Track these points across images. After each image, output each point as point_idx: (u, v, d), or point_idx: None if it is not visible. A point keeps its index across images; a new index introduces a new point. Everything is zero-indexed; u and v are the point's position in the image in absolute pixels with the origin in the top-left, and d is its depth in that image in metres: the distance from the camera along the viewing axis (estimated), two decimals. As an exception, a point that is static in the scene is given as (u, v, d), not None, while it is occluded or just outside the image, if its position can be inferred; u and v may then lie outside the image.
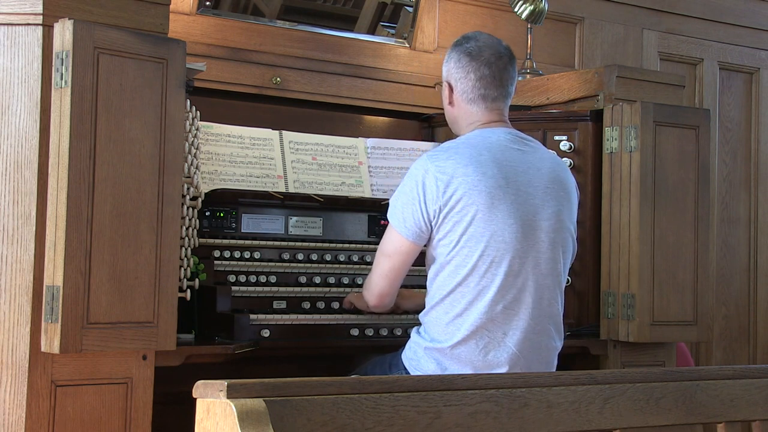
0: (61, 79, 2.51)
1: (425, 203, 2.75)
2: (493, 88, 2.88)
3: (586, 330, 3.51)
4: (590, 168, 3.58)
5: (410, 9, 3.91)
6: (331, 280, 3.33)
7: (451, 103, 2.94)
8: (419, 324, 2.89)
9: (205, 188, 3.19)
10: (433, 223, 2.77)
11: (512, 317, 2.75)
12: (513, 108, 3.80)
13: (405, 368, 2.85)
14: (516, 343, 2.76)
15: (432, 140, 3.87)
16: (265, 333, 3.05)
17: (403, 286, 3.16)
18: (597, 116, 3.57)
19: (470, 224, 2.73)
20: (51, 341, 2.47)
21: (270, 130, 3.52)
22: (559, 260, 2.83)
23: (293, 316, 3.12)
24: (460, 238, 2.74)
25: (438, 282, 2.78)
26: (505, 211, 2.74)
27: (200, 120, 3.13)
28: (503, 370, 2.74)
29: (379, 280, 2.92)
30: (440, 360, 2.76)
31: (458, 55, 2.91)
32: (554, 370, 2.88)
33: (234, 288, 3.11)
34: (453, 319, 2.75)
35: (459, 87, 2.90)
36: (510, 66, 2.92)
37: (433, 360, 2.77)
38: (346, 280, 3.36)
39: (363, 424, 1.81)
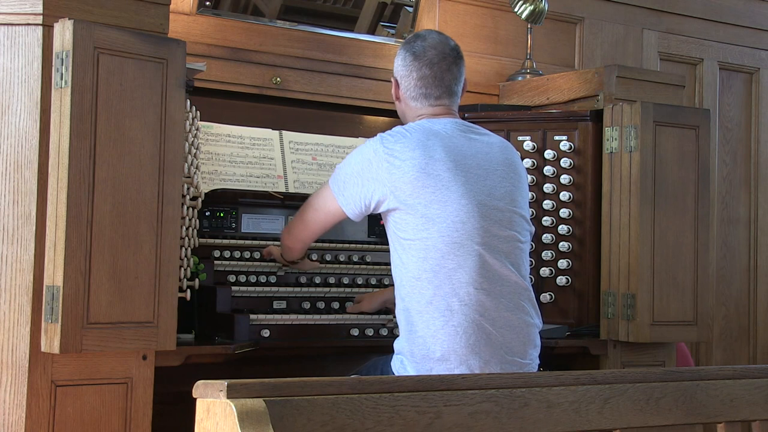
0: (61, 79, 2.51)
1: (368, 182, 2.80)
2: (435, 88, 2.92)
3: (586, 330, 3.51)
4: (590, 168, 3.58)
5: (410, 9, 3.91)
6: (331, 280, 3.33)
7: (398, 98, 3.01)
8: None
9: (205, 188, 3.19)
10: (375, 206, 2.81)
11: (484, 297, 2.74)
12: (513, 108, 3.83)
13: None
14: (492, 323, 2.75)
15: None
16: (265, 333, 3.06)
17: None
18: (597, 116, 3.58)
19: (425, 207, 2.75)
20: (51, 341, 2.47)
21: (270, 130, 3.52)
22: (519, 239, 2.85)
23: (293, 316, 3.13)
24: (416, 223, 2.75)
25: (403, 271, 2.78)
26: (458, 192, 2.76)
27: (200, 120, 3.13)
28: (486, 353, 2.73)
29: (300, 226, 3.04)
30: (426, 367, 2.75)
31: (404, 53, 2.96)
32: (538, 349, 2.88)
33: (234, 288, 3.12)
34: (425, 307, 2.74)
35: (403, 84, 2.96)
36: (454, 66, 2.94)
37: (420, 368, 2.76)
38: (346, 280, 3.36)
39: (363, 424, 1.81)
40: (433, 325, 2.73)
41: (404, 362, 2.79)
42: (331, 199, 2.90)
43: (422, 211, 2.75)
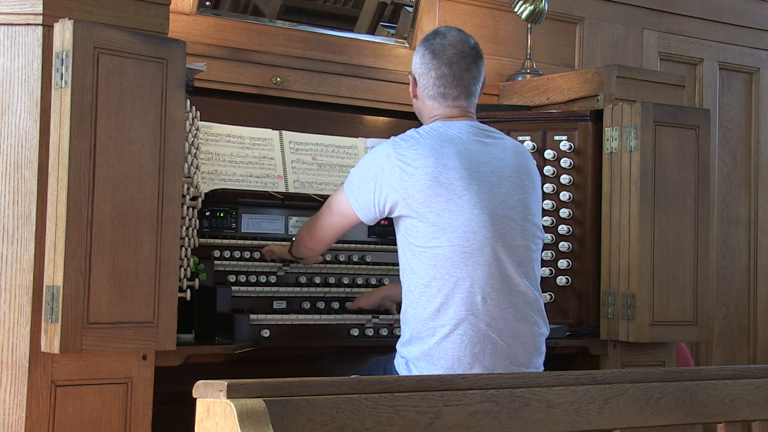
0: (61, 79, 2.51)
1: (381, 187, 2.78)
2: (453, 88, 2.88)
3: (586, 330, 3.51)
4: (590, 168, 3.58)
5: (410, 9, 3.91)
6: (331, 280, 3.33)
7: (415, 96, 2.97)
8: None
9: (205, 188, 3.19)
10: (389, 211, 2.80)
11: (492, 307, 2.73)
12: (513, 108, 3.83)
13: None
14: (499, 333, 2.74)
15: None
16: (265, 333, 3.06)
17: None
18: (597, 116, 3.58)
19: (437, 216, 2.73)
20: (51, 341, 2.47)
21: (270, 130, 3.52)
22: (531, 248, 2.83)
23: (293, 316, 3.13)
24: (427, 231, 2.73)
25: (412, 277, 2.78)
26: (470, 202, 2.74)
27: (200, 120, 3.13)
28: (489, 362, 2.73)
29: (320, 229, 3.05)
30: (430, 373, 2.75)
31: (423, 51, 2.92)
32: (543, 356, 2.87)
33: (234, 288, 3.12)
34: (433, 315, 2.73)
35: (421, 82, 2.92)
36: (474, 66, 2.90)
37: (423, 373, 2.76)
38: (346, 280, 3.36)
39: (363, 424, 1.81)
40: (440, 332, 2.72)
41: (409, 364, 2.79)
42: (346, 204, 2.90)
43: (433, 220, 2.73)
